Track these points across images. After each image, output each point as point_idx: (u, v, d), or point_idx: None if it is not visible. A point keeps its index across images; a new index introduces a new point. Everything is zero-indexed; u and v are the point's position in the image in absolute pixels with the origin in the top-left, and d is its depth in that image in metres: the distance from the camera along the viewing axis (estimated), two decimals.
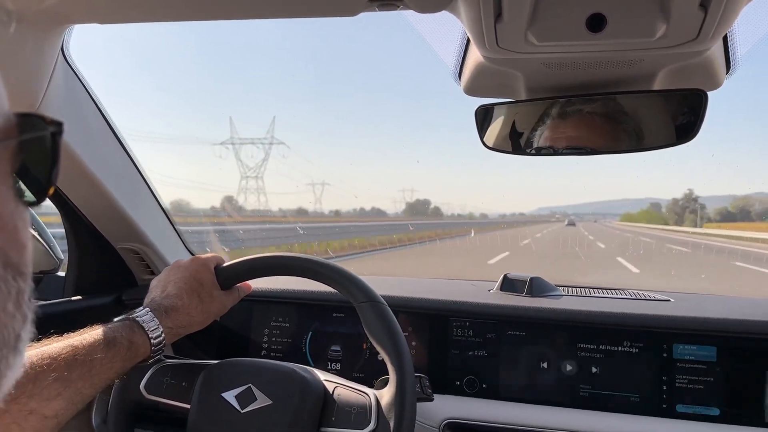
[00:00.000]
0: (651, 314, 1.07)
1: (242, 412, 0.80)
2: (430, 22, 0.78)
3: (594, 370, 1.07)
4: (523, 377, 1.11)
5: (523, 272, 1.31)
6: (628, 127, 0.86)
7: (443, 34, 0.83)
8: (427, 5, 0.72)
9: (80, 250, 1.31)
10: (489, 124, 0.92)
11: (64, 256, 1.31)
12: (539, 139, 0.90)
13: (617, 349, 1.07)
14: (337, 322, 1.23)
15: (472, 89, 0.91)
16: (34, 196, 0.34)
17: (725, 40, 0.77)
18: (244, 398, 0.81)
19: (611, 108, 0.86)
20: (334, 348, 1.22)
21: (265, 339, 1.26)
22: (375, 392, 0.83)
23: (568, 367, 1.09)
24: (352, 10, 0.75)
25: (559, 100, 0.87)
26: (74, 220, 1.25)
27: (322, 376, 0.86)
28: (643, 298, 1.26)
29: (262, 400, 0.81)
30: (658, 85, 0.83)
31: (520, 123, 0.91)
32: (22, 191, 0.34)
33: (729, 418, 1.00)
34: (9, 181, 0.32)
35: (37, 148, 0.34)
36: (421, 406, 0.99)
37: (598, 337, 1.08)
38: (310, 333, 1.24)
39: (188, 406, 0.83)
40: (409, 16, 0.76)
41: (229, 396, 0.81)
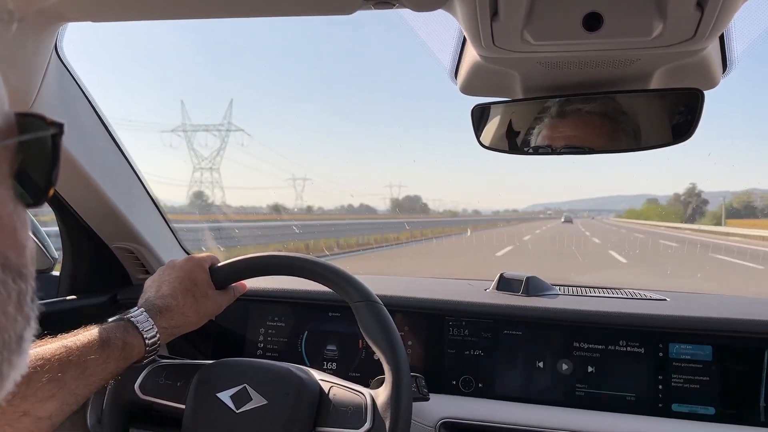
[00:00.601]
0: (647, 314, 1.07)
1: (237, 412, 0.80)
2: (426, 21, 0.78)
3: (590, 369, 1.07)
4: (520, 376, 1.11)
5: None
6: (626, 126, 0.86)
7: (439, 33, 0.83)
8: (423, 4, 0.72)
9: (75, 250, 1.30)
10: (485, 124, 0.92)
11: (58, 255, 1.30)
12: (536, 139, 0.90)
13: (613, 349, 1.07)
14: (333, 321, 1.22)
15: (468, 88, 0.91)
16: (33, 197, 0.34)
17: (722, 39, 0.77)
18: (240, 398, 0.81)
19: (609, 107, 0.85)
20: (329, 348, 1.21)
21: (261, 339, 1.26)
22: (371, 392, 0.83)
23: (564, 367, 1.09)
24: (349, 9, 0.75)
25: (556, 100, 0.87)
26: (69, 219, 1.24)
27: (317, 375, 0.86)
28: (639, 297, 1.26)
29: (257, 400, 0.80)
30: (654, 85, 0.83)
31: (517, 122, 0.91)
32: (22, 192, 0.33)
33: (724, 418, 1.00)
34: (8, 182, 0.32)
35: (37, 149, 0.34)
36: (417, 406, 0.99)
37: (594, 336, 1.08)
38: (306, 333, 1.24)
39: (183, 407, 0.83)
40: (405, 14, 0.76)
41: (225, 396, 0.81)
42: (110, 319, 0.83)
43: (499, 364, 1.12)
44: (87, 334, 0.77)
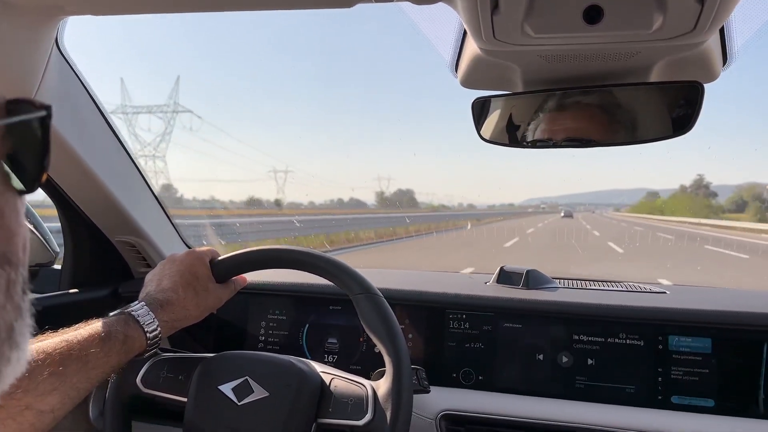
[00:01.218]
0: (647, 306, 1.08)
1: (239, 404, 0.80)
2: (426, 14, 0.78)
3: (590, 361, 1.08)
4: (520, 369, 1.11)
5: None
6: (626, 119, 0.85)
7: (439, 27, 0.83)
8: None
9: (76, 243, 1.30)
10: (486, 117, 0.92)
11: (60, 249, 1.31)
12: (537, 132, 0.90)
13: (613, 341, 1.07)
14: (333, 314, 1.23)
15: (468, 82, 0.91)
16: (26, 183, 0.34)
17: (722, 32, 0.77)
18: (241, 391, 0.81)
19: (609, 100, 0.85)
20: (330, 340, 1.22)
21: (262, 332, 1.26)
22: (372, 384, 0.83)
23: (564, 359, 1.09)
24: (349, 2, 0.75)
25: (556, 93, 0.86)
26: (70, 213, 1.24)
27: (318, 368, 0.86)
28: (639, 290, 1.26)
29: (259, 393, 0.81)
30: (654, 77, 0.83)
31: (517, 115, 0.91)
32: (10, 176, 0.33)
33: (724, 410, 1.01)
34: None
35: (27, 133, 0.33)
36: (418, 398, 0.99)
37: (594, 329, 1.09)
38: (307, 325, 1.24)
39: (185, 399, 0.83)
40: (405, 7, 0.76)
41: (226, 389, 0.82)
42: (111, 313, 0.83)
43: (500, 357, 1.12)
44: (88, 328, 0.77)
